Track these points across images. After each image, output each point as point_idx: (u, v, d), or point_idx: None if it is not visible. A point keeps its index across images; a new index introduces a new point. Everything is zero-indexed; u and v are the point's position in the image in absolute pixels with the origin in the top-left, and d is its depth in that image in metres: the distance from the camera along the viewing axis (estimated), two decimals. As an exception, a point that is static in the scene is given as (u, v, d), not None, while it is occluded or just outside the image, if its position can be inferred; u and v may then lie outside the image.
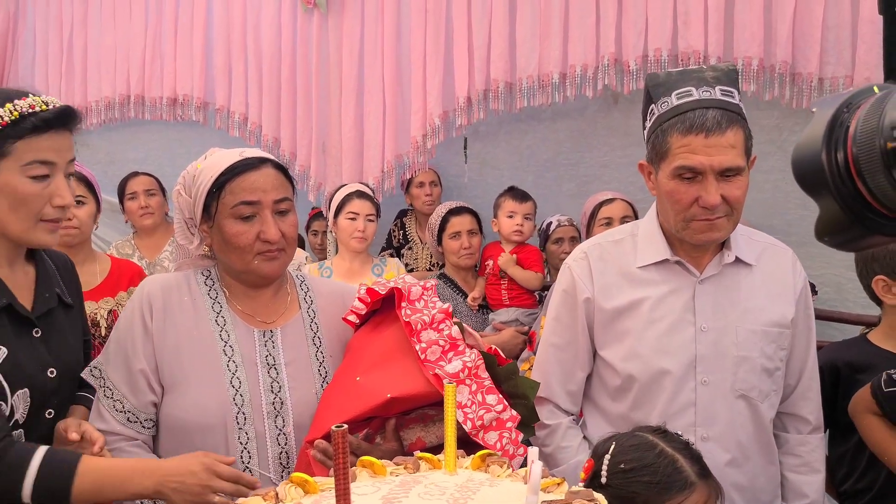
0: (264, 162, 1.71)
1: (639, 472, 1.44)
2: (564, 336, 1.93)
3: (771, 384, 1.84)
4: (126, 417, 1.67)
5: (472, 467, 1.23)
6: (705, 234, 1.75)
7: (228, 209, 1.66)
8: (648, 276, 1.85)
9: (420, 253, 4.02)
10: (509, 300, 3.40)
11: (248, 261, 1.68)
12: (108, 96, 4.74)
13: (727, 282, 1.84)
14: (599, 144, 3.84)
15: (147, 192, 3.76)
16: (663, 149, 1.74)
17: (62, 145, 1.57)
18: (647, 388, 1.82)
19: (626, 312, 1.85)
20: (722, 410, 1.80)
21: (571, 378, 1.94)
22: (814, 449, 1.93)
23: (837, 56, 3.06)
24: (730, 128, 1.69)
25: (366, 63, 4.03)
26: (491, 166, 4.12)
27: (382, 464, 1.20)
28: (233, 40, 4.36)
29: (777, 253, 1.92)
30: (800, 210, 3.38)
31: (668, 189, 1.76)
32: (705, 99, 1.71)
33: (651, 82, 1.81)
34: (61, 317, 1.69)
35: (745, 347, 1.80)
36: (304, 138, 4.22)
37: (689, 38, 3.23)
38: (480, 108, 3.74)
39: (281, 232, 1.68)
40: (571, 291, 1.91)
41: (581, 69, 3.46)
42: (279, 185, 1.70)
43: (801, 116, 3.32)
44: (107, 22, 4.74)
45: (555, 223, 3.51)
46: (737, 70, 1.81)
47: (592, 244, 1.96)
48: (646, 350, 1.81)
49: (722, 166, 1.69)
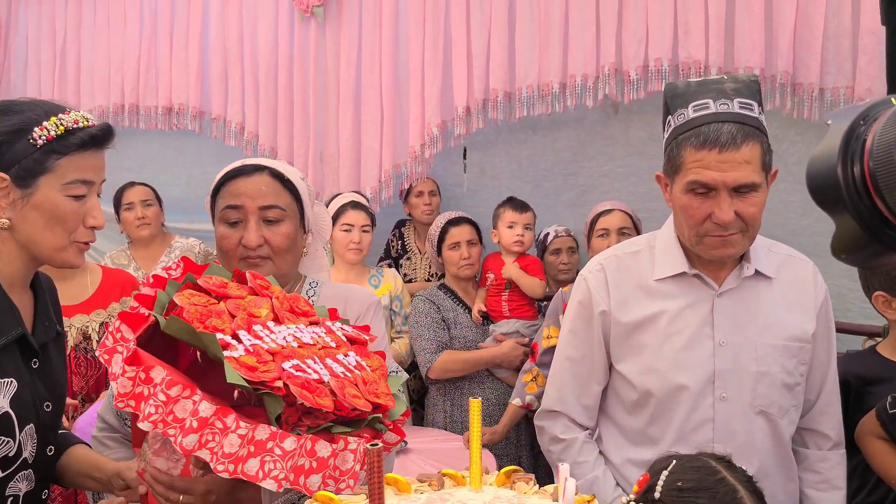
0: (260, 169, 1.69)
1: (695, 493, 1.39)
2: (580, 349, 1.89)
3: (791, 399, 1.80)
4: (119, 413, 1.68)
5: (497, 484, 1.20)
6: (718, 250, 1.72)
7: (219, 212, 1.69)
8: (666, 289, 1.81)
9: (419, 263, 4.00)
10: (509, 311, 3.39)
11: (232, 266, 1.63)
12: (101, 105, 4.69)
13: (746, 295, 1.80)
14: (598, 154, 3.84)
15: (144, 202, 3.74)
16: (677, 162, 1.71)
17: (100, 164, 1.51)
18: (665, 404, 1.78)
19: (643, 326, 1.81)
20: (741, 427, 1.76)
21: (587, 391, 1.90)
22: (834, 466, 1.89)
23: (838, 67, 3.06)
24: (745, 143, 1.65)
25: (363, 72, 4.01)
26: (490, 176, 4.10)
27: (407, 481, 1.17)
28: (229, 49, 4.33)
29: (797, 265, 1.88)
30: (802, 220, 3.39)
31: (681, 203, 1.73)
32: (722, 112, 1.67)
33: (669, 93, 1.77)
34: (53, 347, 1.59)
35: (764, 362, 1.76)
36: (301, 147, 4.20)
37: (690, 48, 3.23)
38: (479, 118, 3.73)
39: (265, 239, 1.66)
40: (587, 304, 1.87)
41: (581, 79, 3.46)
42: (270, 193, 1.68)
43: (801, 127, 3.33)
44: (101, 30, 4.70)
45: (552, 234, 3.51)
46: (758, 81, 1.75)
47: (609, 256, 1.92)
48: (663, 365, 1.78)
49: (736, 183, 1.65)
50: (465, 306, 3.42)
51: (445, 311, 3.35)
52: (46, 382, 1.54)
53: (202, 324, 1.26)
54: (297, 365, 1.26)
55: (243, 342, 1.26)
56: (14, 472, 1.47)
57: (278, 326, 1.35)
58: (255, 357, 1.24)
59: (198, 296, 1.34)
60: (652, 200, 3.68)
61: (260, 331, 1.31)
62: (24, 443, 1.47)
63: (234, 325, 1.29)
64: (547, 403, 1.95)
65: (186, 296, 1.33)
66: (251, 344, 1.27)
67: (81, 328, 2.74)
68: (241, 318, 1.31)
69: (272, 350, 1.27)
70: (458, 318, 3.36)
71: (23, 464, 1.48)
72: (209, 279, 1.39)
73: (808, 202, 3.17)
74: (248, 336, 1.28)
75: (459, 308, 3.40)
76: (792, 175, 3.40)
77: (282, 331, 1.34)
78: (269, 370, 1.22)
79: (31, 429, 1.48)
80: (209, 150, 4.61)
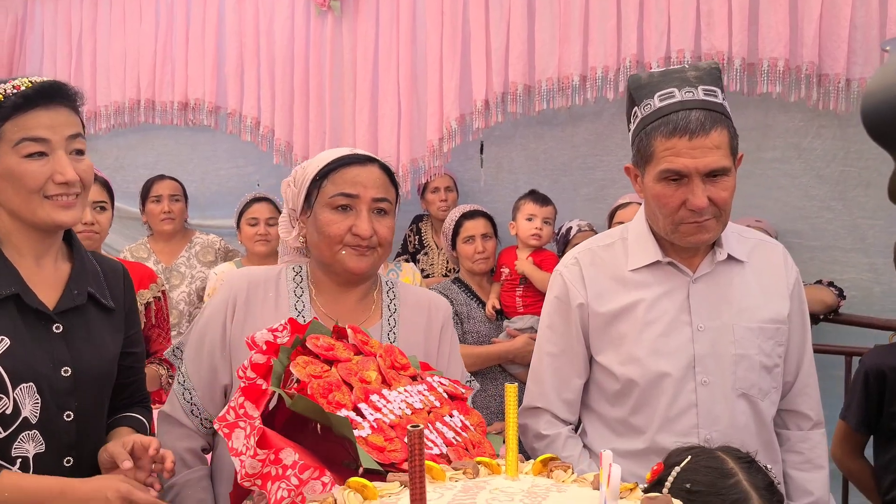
0: (372, 160, 1.72)
1: (703, 496, 1.33)
2: (559, 344, 1.90)
3: (770, 381, 1.82)
4: (191, 409, 1.69)
5: (534, 472, 1.17)
6: (694, 236, 1.74)
7: (327, 198, 1.67)
8: (641, 279, 1.83)
9: (436, 259, 3.97)
10: (524, 307, 3.35)
11: (335, 251, 1.66)
12: (117, 101, 4.68)
13: (721, 280, 1.82)
14: (616, 148, 3.80)
15: (172, 196, 3.78)
16: (648, 152, 1.73)
17: (56, 121, 1.52)
18: (647, 392, 1.79)
19: (621, 316, 1.82)
20: (723, 410, 1.78)
21: (567, 386, 1.91)
22: (815, 445, 1.90)
23: (865, 56, 3.02)
24: (714, 128, 1.68)
25: (380, 66, 3.98)
26: (506, 170, 4.07)
27: (441, 469, 1.14)
28: (245, 44, 4.31)
29: (768, 249, 1.91)
30: (825, 213, 3.34)
31: (654, 193, 1.75)
32: (688, 100, 1.70)
33: (633, 84, 1.80)
34: (95, 318, 1.63)
35: (742, 345, 1.78)
36: (317, 143, 4.16)
37: (713, 40, 3.19)
38: (498, 111, 3.70)
39: (374, 230, 1.66)
40: (564, 298, 1.89)
41: (602, 71, 3.42)
42: (381, 185, 1.70)
43: (825, 119, 3.29)
44: (116, 26, 4.69)
45: (575, 228, 3.46)
46: (719, 68, 1.80)
47: (583, 249, 1.94)
48: (643, 353, 1.79)
49: (707, 168, 1.68)
50: (480, 301, 3.39)
51: (459, 305, 3.31)
52: (71, 349, 1.56)
53: (325, 399, 1.29)
54: None
55: (367, 417, 1.30)
56: (17, 433, 1.48)
57: (391, 393, 1.38)
58: (381, 434, 1.27)
59: (312, 364, 1.37)
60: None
61: (377, 401, 1.34)
62: (21, 401, 1.48)
63: (353, 398, 1.32)
64: (528, 400, 1.95)
65: (301, 364, 1.35)
66: (374, 419, 1.30)
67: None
68: (359, 390, 1.34)
69: (393, 423, 1.31)
70: (472, 313, 3.33)
71: (25, 423, 1.49)
72: (316, 340, 1.42)
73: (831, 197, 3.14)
74: (370, 409, 1.32)
75: (473, 303, 3.36)
76: (814, 170, 3.37)
77: (395, 398, 1.38)
78: (396, 449, 1.26)
79: (30, 388, 1.49)
80: (223, 147, 4.60)
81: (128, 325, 1.73)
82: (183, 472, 1.66)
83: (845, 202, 3.32)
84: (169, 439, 1.67)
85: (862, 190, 3.29)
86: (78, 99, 1.59)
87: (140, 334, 1.82)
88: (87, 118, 4.78)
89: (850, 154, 3.29)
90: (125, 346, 1.72)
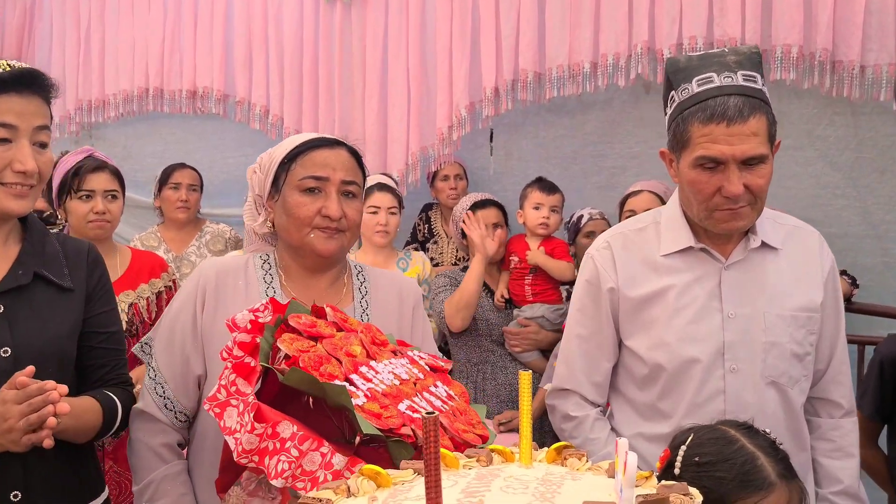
0: (340, 143, 1.71)
1: (713, 466, 1.37)
2: (589, 326, 1.90)
3: (801, 370, 1.81)
4: (164, 403, 1.66)
5: (548, 460, 1.16)
6: (728, 223, 1.72)
7: (296, 181, 1.66)
8: (673, 264, 1.82)
9: (445, 247, 3.95)
10: (533, 296, 3.32)
11: (304, 234, 1.65)
12: (126, 89, 4.67)
13: (753, 267, 1.80)
14: (627, 136, 3.78)
15: (190, 186, 3.78)
16: (684, 137, 1.71)
17: (26, 109, 1.51)
18: (676, 377, 1.78)
19: (652, 301, 1.81)
20: (752, 398, 1.76)
21: (597, 369, 1.91)
22: (847, 433, 1.88)
23: (880, 43, 2.99)
24: (752, 115, 1.65)
25: (390, 53, 3.96)
26: (516, 158, 4.05)
27: (455, 456, 1.13)
28: (253, 31, 4.29)
29: (803, 235, 1.88)
30: (839, 200, 3.32)
31: (689, 178, 1.73)
32: (727, 85, 1.67)
33: (671, 68, 1.78)
34: (43, 298, 1.61)
35: (773, 333, 1.76)
36: (327, 131, 4.14)
37: (726, 26, 3.16)
38: (508, 99, 3.68)
39: (343, 212, 1.66)
40: (595, 281, 1.88)
41: (613, 58, 3.39)
42: (350, 168, 1.69)
43: (839, 107, 3.26)
44: (125, 14, 4.68)
45: (586, 216, 3.44)
46: (760, 53, 1.76)
47: (615, 233, 1.92)
48: (673, 338, 1.78)
49: (745, 155, 1.65)
50: (489, 289, 3.37)
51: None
52: (14, 329, 1.55)
53: (317, 371, 1.28)
54: (410, 406, 1.31)
55: (360, 387, 1.29)
56: None
57: (378, 364, 1.39)
58: (376, 402, 1.27)
59: (298, 340, 1.36)
60: (683, 182, 3.61)
61: (367, 372, 1.34)
62: None
63: (344, 370, 1.32)
64: (557, 382, 1.96)
65: (288, 341, 1.35)
66: (367, 388, 1.30)
67: (111, 308, 2.73)
68: (348, 362, 1.35)
69: (385, 392, 1.31)
70: (481, 301, 3.31)
71: None
72: (298, 318, 1.41)
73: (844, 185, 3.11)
74: (361, 380, 1.31)
75: (483, 291, 3.34)
76: (827, 157, 3.34)
77: (382, 369, 1.38)
78: (393, 415, 1.26)
79: None
80: (231, 136, 4.60)
81: (94, 305, 1.70)
82: (160, 467, 1.64)
83: (858, 190, 3.30)
84: (144, 436, 1.66)
85: (876, 177, 3.26)
86: (52, 91, 1.57)
87: (114, 314, 1.77)
88: (95, 106, 4.79)
89: (864, 141, 3.26)
90: (91, 327, 1.69)
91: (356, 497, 1.03)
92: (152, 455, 1.64)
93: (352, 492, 1.03)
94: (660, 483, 1.03)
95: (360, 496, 1.03)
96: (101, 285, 1.74)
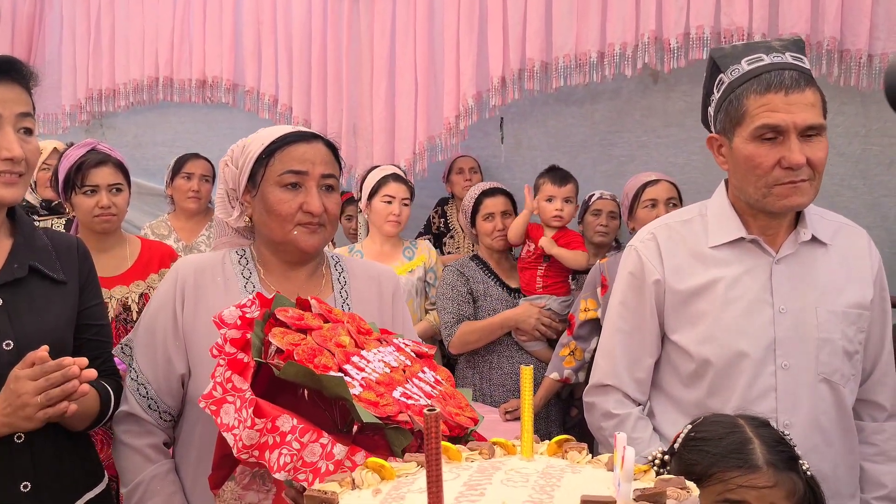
0: (316, 137, 1.72)
1: (705, 442, 1.36)
2: (631, 321, 1.85)
3: (851, 368, 1.76)
4: (147, 404, 1.66)
5: (549, 453, 1.18)
6: (789, 198, 1.66)
7: (275, 177, 1.65)
8: (722, 256, 1.77)
9: (462, 241, 3.97)
10: (543, 287, 3.32)
11: (287, 231, 1.65)
12: (136, 79, 4.70)
13: (804, 261, 1.76)
14: (636, 125, 3.78)
15: (203, 177, 3.82)
16: (739, 113, 1.68)
17: (6, 97, 1.51)
18: (725, 373, 1.73)
19: (700, 294, 1.77)
20: (805, 396, 1.71)
21: (639, 365, 1.86)
22: (891, 437, 1.84)
23: (888, 31, 2.97)
24: (809, 87, 1.64)
25: (397, 43, 3.97)
26: (525, 147, 4.06)
27: (457, 449, 1.15)
28: (263, 21, 4.30)
29: (852, 233, 1.85)
30: (846, 191, 3.31)
31: (746, 154, 1.68)
32: (778, 62, 1.66)
33: (717, 54, 1.76)
34: (40, 291, 1.62)
35: (825, 329, 1.72)
36: (335, 120, 4.17)
37: (733, 15, 3.15)
38: (515, 89, 3.67)
39: (324, 207, 1.66)
40: (639, 274, 1.83)
41: (620, 47, 3.39)
42: (328, 161, 1.70)
43: (846, 96, 3.25)
44: (135, 3, 4.70)
45: (597, 195, 3.43)
46: (804, 41, 1.75)
47: (660, 225, 1.88)
48: (722, 332, 1.73)
49: (805, 123, 1.62)
50: (497, 279, 3.38)
51: (475, 283, 3.31)
52: (14, 322, 1.56)
53: (312, 363, 1.29)
54: (404, 392, 1.32)
55: (354, 377, 1.30)
56: None
57: (368, 353, 1.40)
58: (372, 391, 1.28)
59: (289, 333, 1.37)
60: (690, 171, 3.61)
61: (359, 362, 1.35)
62: None
63: (337, 361, 1.32)
64: (597, 378, 1.91)
65: (280, 335, 1.35)
66: (362, 378, 1.31)
67: (121, 299, 2.76)
68: (340, 353, 1.35)
69: (379, 381, 1.32)
70: (489, 291, 3.33)
71: None
72: (286, 312, 1.42)
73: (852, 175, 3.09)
74: (354, 370, 1.32)
75: (490, 280, 3.36)
76: (835, 148, 3.30)
77: (373, 358, 1.39)
78: (389, 403, 1.27)
79: None
80: (240, 125, 4.59)
81: (85, 298, 1.72)
82: (148, 468, 1.64)
83: (866, 180, 3.28)
84: (130, 438, 1.66)
85: (884, 168, 3.25)
86: (32, 79, 1.58)
87: (103, 308, 1.79)
88: (106, 96, 4.81)
89: (872, 132, 3.24)
90: (84, 319, 1.71)
91: (361, 489, 1.05)
92: (139, 457, 1.65)
93: (356, 484, 1.06)
94: (657, 477, 1.05)
95: (364, 488, 1.05)
96: (91, 279, 1.75)
